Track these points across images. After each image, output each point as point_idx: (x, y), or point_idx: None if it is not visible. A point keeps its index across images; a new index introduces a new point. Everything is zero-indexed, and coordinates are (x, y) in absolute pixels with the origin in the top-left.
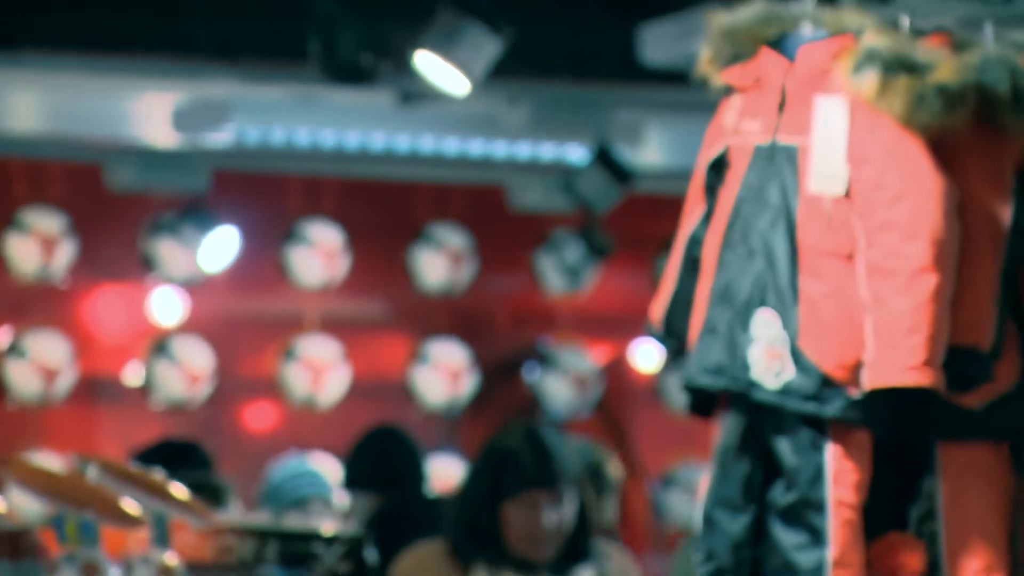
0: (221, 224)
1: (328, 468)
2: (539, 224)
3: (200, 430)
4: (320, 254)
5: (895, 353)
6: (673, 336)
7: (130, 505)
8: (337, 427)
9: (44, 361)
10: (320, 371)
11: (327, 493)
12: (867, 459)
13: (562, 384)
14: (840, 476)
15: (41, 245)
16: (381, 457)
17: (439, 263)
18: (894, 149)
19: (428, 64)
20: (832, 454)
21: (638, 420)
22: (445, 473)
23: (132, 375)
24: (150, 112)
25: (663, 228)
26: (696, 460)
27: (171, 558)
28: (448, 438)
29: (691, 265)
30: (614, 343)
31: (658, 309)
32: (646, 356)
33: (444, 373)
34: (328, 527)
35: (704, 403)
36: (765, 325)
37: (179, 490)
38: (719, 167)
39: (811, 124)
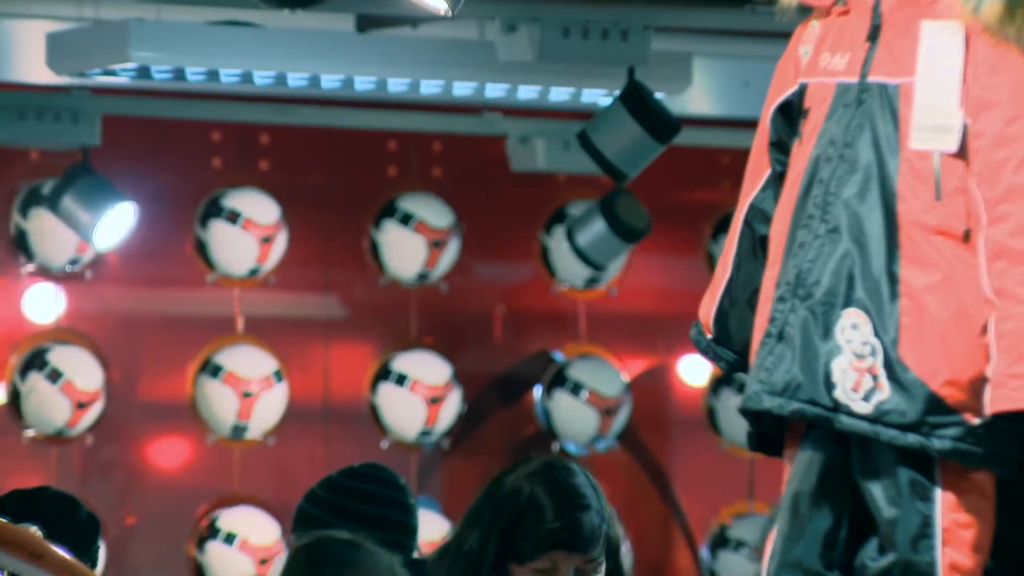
0: (116, 191)
1: (258, 521)
2: (548, 192)
3: (87, 469)
4: (250, 233)
5: None
6: (729, 343)
7: None
8: (271, 466)
9: None
10: (250, 391)
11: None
12: (989, 509)
13: (579, 408)
14: (953, 532)
15: None
16: (357, 505)
17: (413, 246)
18: (1023, 92)
19: None
20: (943, 503)
21: (682, 456)
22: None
23: None
24: (22, 43)
25: (715, 198)
26: (760, 511)
27: None
28: (423, 481)
29: (754, 247)
30: (649, 353)
31: (709, 307)
32: (693, 370)
33: (418, 394)
34: None
35: (770, 434)
36: (852, 329)
37: (61, 551)
38: (791, 115)
39: (914, 59)
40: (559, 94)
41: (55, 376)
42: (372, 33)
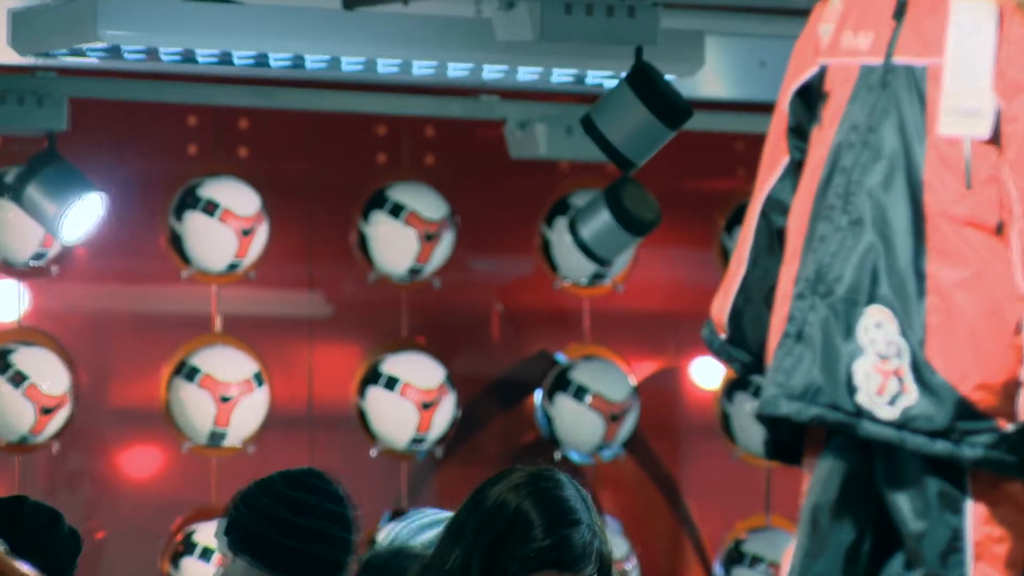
0: (84, 180)
1: None
2: (549, 181)
3: (53, 479)
4: (228, 225)
5: None
6: (744, 343)
7: None
8: (252, 476)
9: None
10: (228, 395)
11: None
12: None
13: (583, 413)
14: (986, 547)
15: None
16: (297, 519)
17: (404, 239)
18: None
19: None
20: (974, 515)
21: (694, 465)
22: None
23: None
24: None
25: (729, 187)
26: (778, 525)
27: None
28: (414, 491)
29: (771, 240)
30: (658, 354)
31: (723, 304)
32: (706, 373)
33: (410, 398)
34: None
35: (789, 441)
36: (876, 328)
37: (25, 567)
38: (811, 99)
39: (943, 38)
40: (561, 76)
41: (18, 379)
42: (360, 10)
